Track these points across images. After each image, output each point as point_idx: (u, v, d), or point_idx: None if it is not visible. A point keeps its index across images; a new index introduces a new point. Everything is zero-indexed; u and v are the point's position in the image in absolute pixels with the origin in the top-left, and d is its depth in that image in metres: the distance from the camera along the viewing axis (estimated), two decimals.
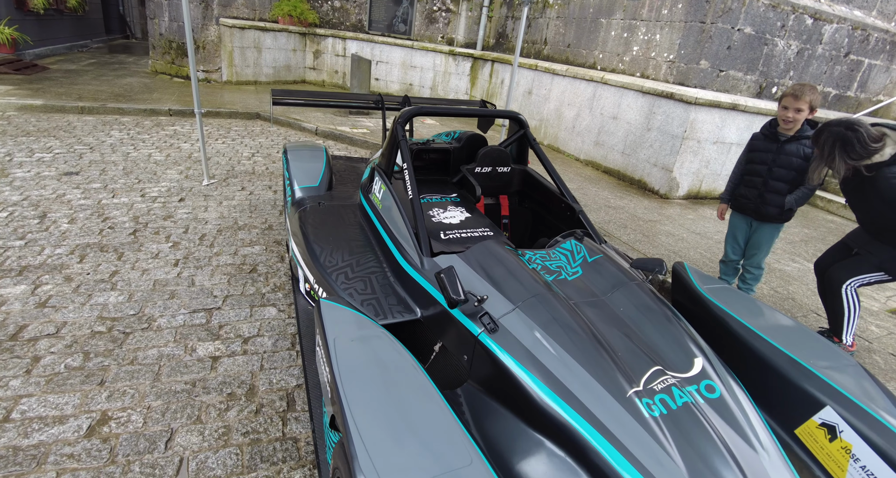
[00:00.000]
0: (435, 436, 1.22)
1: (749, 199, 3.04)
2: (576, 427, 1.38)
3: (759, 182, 2.97)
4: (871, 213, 2.62)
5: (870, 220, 2.68)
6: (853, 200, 2.68)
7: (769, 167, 2.93)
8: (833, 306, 2.82)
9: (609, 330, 1.65)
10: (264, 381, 2.30)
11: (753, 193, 3.01)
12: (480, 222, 2.47)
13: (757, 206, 3.01)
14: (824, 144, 2.46)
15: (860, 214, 2.72)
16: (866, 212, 2.66)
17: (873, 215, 2.62)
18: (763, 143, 2.97)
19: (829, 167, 2.51)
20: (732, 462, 1.32)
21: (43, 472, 1.76)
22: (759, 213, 3.02)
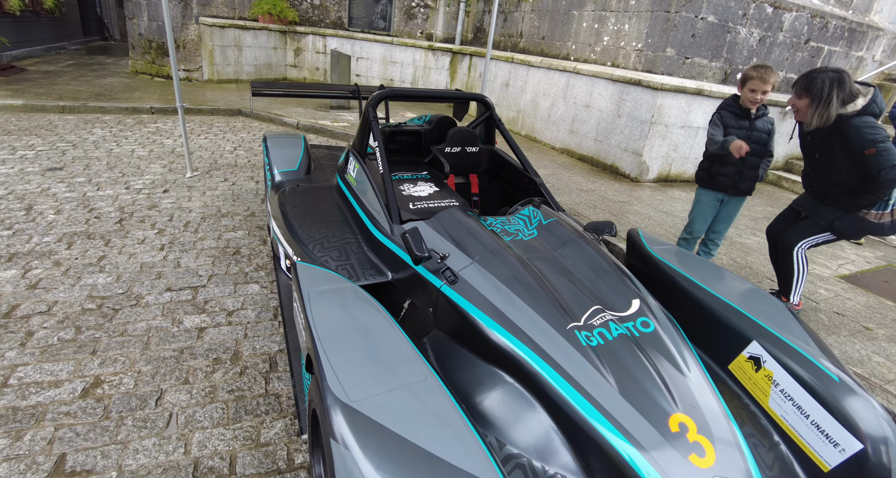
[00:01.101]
0: (394, 360, 1.39)
1: (727, 176, 3.15)
2: (523, 357, 1.57)
3: (737, 159, 3.08)
4: (828, 166, 2.72)
5: (823, 175, 2.79)
6: (813, 153, 2.80)
7: None
8: (784, 268, 3.01)
9: (556, 278, 1.84)
10: (248, 347, 2.45)
11: (732, 170, 3.14)
12: (448, 195, 2.65)
13: (735, 182, 3.16)
14: (822, 88, 2.53)
15: (816, 168, 2.83)
16: (822, 166, 2.76)
17: (829, 169, 2.72)
18: (735, 121, 3.09)
19: (826, 108, 2.55)
20: (661, 384, 1.51)
21: (42, 427, 1.89)
22: (737, 188, 3.18)
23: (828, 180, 2.80)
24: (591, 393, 1.45)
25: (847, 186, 2.70)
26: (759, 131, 3.07)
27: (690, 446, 1.35)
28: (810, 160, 2.87)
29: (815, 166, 2.84)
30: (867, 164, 2.51)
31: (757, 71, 2.91)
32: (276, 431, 1.97)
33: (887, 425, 1.57)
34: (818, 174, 2.85)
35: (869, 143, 2.47)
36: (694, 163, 6.06)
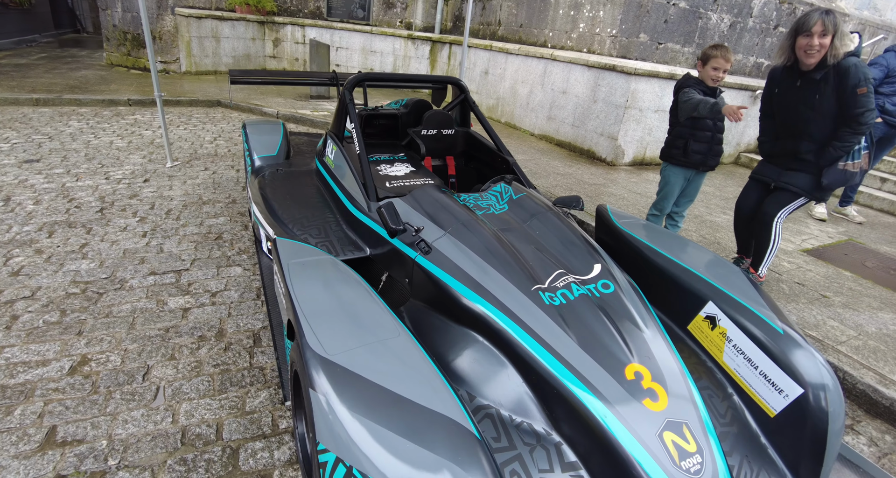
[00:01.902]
0: (369, 320, 1.48)
1: (700, 152, 3.26)
2: (492, 317, 1.67)
3: (708, 136, 3.22)
4: (808, 119, 2.81)
5: (797, 131, 2.88)
6: (792, 108, 2.88)
7: (714, 122, 3.21)
8: (760, 240, 3.13)
9: (524, 246, 1.95)
10: (232, 325, 2.52)
11: (704, 147, 3.24)
12: (423, 175, 2.73)
13: (706, 158, 3.28)
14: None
15: (789, 127, 2.93)
16: (801, 119, 2.84)
17: (808, 122, 2.81)
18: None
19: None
20: (619, 338, 1.63)
21: (31, 402, 1.95)
22: (706, 164, 3.30)
23: (800, 138, 2.88)
24: (554, 347, 1.56)
25: (820, 137, 2.80)
26: None
27: (645, 392, 1.47)
28: (783, 121, 2.96)
29: (789, 125, 2.92)
30: (855, 103, 2.62)
31: (718, 50, 3.04)
32: (260, 400, 2.06)
33: (827, 372, 1.71)
34: (790, 133, 2.93)
35: (863, 81, 2.59)
36: None
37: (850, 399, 2.46)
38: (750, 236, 3.32)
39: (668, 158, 3.40)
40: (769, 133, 3.11)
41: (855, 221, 4.98)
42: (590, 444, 1.44)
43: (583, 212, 4.21)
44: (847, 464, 1.85)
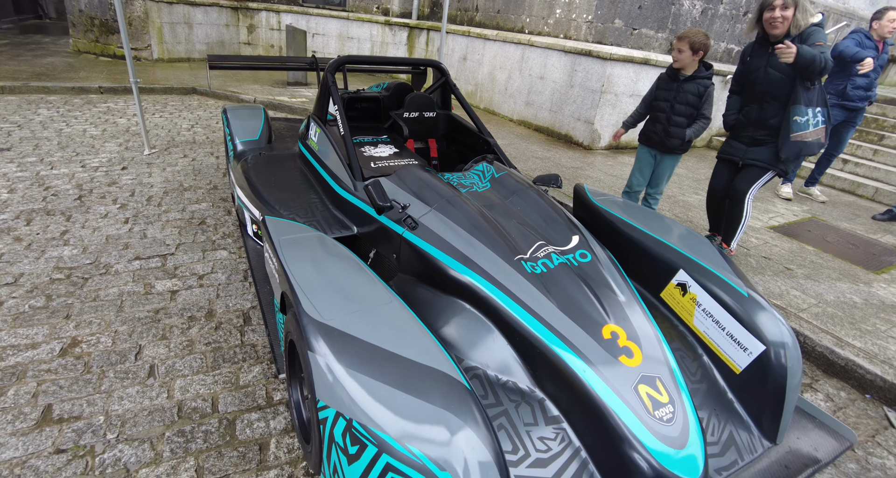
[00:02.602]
0: (361, 289, 1.56)
1: (656, 133, 3.44)
2: (478, 286, 1.76)
3: (664, 118, 3.37)
4: (775, 80, 2.97)
5: (764, 96, 3.04)
6: (755, 66, 3.04)
7: (671, 104, 3.34)
8: (733, 216, 3.31)
9: (506, 220, 2.03)
10: (221, 305, 2.56)
11: (659, 128, 3.41)
12: (407, 155, 2.79)
13: (662, 139, 3.42)
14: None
15: (752, 84, 3.08)
16: (769, 82, 3.00)
17: (774, 84, 2.98)
18: (666, 82, 3.37)
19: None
20: (596, 302, 1.74)
21: (24, 383, 1.98)
22: (664, 145, 3.44)
23: (765, 101, 3.04)
24: (537, 311, 1.66)
25: (783, 98, 2.97)
26: (687, 93, 3.30)
27: (620, 350, 1.58)
28: (752, 87, 3.09)
29: (756, 92, 3.07)
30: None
31: (682, 34, 3.19)
32: (254, 374, 2.12)
33: (787, 332, 1.85)
34: (757, 98, 3.08)
35: (820, 37, 2.82)
36: None
37: (810, 361, 2.64)
38: (721, 214, 3.49)
39: (639, 138, 3.64)
40: (734, 107, 3.27)
41: (818, 200, 5.22)
42: (571, 399, 1.54)
43: (561, 192, 4.33)
44: (804, 415, 2.00)
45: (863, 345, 2.63)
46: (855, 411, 2.34)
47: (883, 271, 3.59)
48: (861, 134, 6.72)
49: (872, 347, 2.63)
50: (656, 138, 3.46)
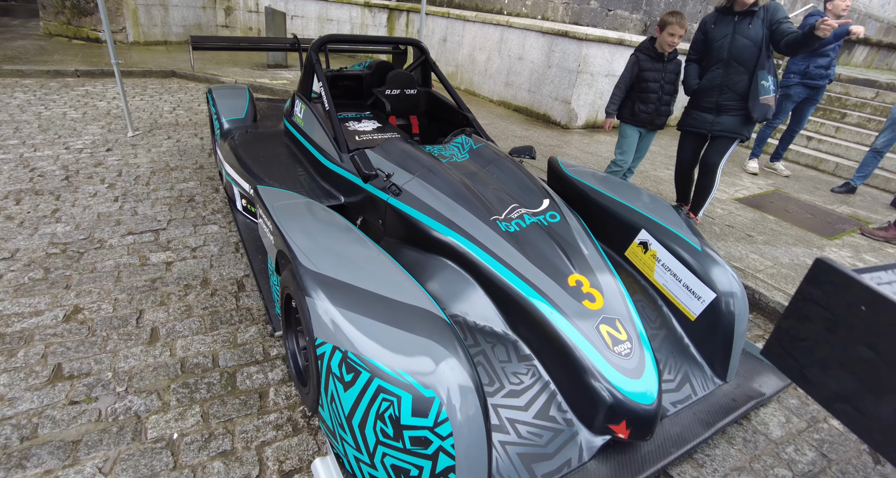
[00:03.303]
0: (350, 245, 1.71)
1: (647, 113, 3.55)
2: (458, 244, 1.93)
3: (655, 98, 3.50)
4: (741, 46, 3.16)
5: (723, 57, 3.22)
6: (722, 33, 3.22)
7: (661, 84, 3.49)
8: (703, 187, 3.54)
9: (483, 186, 2.20)
10: (215, 274, 2.69)
11: (651, 108, 3.54)
12: (390, 129, 2.93)
13: (653, 118, 3.57)
14: None
15: (717, 50, 3.24)
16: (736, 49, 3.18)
17: (741, 49, 3.16)
18: (651, 63, 3.46)
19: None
20: (563, 256, 1.92)
21: (32, 346, 2.10)
22: (654, 123, 3.61)
23: (731, 66, 3.22)
24: (511, 264, 1.84)
25: (749, 64, 3.17)
26: (671, 73, 3.50)
27: (584, 295, 1.77)
28: (718, 53, 3.26)
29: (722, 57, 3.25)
30: (781, 31, 3.07)
31: (675, 16, 3.29)
32: (250, 334, 2.27)
33: (735, 282, 2.06)
34: (722, 62, 3.25)
35: (784, 13, 3.05)
36: None
37: (764, 314, 2.88)
38: (689, 186, 3.70)
39: (621, 117, 3.72)
40: (694, 74, 3.43)
41: (782, 174, 5.49)
42: (540, 339, 1.73)
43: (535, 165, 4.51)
44: (752, 358, 2.23)
45: None
46: None
47: (835, 237, 3.86)
48: (825, 112, 7.01)
49: None
50: (646, 117, 3.57)
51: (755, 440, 2.02)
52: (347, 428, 1.39)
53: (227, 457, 1.68)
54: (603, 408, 1.59)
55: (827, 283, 0.60)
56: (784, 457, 1.96)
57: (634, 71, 3.51)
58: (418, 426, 1.29)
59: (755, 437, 2.04)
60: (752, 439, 2.03)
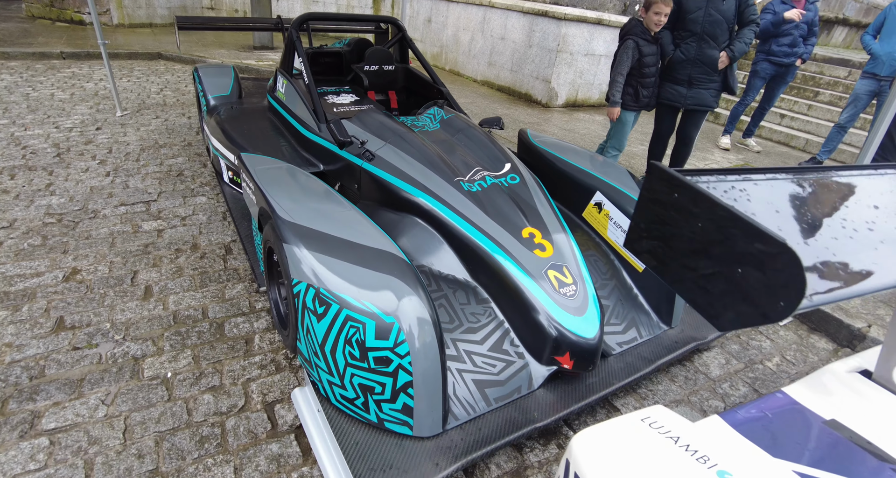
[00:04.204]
0: (325, 201, 1.90)
1: (648, 96, 3.61)
2: (426, 202, 2.12)
3: (652, 81, 3.58)
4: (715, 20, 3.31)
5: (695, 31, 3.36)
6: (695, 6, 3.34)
7: (657, 67, 3.57)
8: (681, 157, 3.82)
9: (450, 152, 2.38)
10: (204, 240, 2.87)
11: (651, 92, 3.61)
12: (367, 102, 3.09)
13: (651, 100, 3.64)
14: None
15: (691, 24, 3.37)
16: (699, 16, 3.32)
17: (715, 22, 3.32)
18: (649, 47, 3.47)
19: None
20: (520, 212, 2.11)
21: (35, 302, 2.27)
22: (651, 106, 3.69)
23: (703, 40, 3.37)
24: (472, 219, 2.03)
25: (720, 39, 3.36)
26: (659, 53, 3.63)
27: (536, 245, 1.97)
28: (691, 27, 3.39)
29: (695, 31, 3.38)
30: (754, 10, 3.32)
31: (661, 1, 3.31)
32: (237, 290, 2.46)
33: None
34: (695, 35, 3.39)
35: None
36: (598, 89, 6.71)
37: None
38: (662, 156, 3.93)
39: (623, 105, 3.63)
40: (669, 41, 3.51)
41: (754, 150, 5.70)
42: (496, 284, 1.94)
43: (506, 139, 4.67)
44: None
45: None
46: None
47: None
48: (799, 91, 7.21)
49: None
50: (647, 101, 3.61)
51: (695, 378, 2.25)
52: (321, 354, 1.59)
53: (216, 391, 1.88)
54: (549, 342, 1.80)
55: (660, 183, 0.80)
56: (719, 391, 2.20)
57: (635, 56, 3.44)
58: (381, 348, 1.49)
59: (696, 375, 2.27)
60: (692, 377, 2.26)
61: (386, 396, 1.53)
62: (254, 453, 1.65)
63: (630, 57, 3.43)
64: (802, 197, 0.81)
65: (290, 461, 1.63)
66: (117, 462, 1.58)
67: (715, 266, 0.70)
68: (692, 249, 0.76)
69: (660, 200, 0.79)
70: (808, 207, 0.80)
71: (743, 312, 0.66)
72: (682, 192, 0.77)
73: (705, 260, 0.71)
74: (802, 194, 0.81)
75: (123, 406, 1.78)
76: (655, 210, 0.81)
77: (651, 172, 0.80)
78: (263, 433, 1.72)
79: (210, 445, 1.66)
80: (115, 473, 1.55)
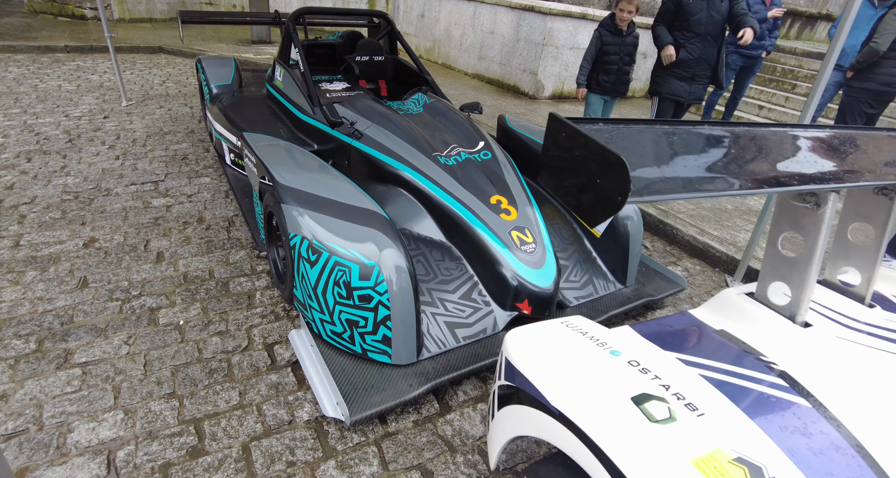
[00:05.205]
0: (316, 168, 2.18)
1: (610, 82, 4.01)
2: (407, 174, 2.41)
3: (615, 69, 3.95)
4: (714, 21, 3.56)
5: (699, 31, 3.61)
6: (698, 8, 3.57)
7: (620, 56, 3.94)
8: None
9: (430, 131, 2.67)
10: (209, 214, 3.15)
11: (612, 78, 4.00)
12: (358, 89, 3.37)
13: (615, 86, 4.04)
14: None
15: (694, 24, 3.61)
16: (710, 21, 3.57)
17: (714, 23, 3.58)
18: (612, 38, 3.89)
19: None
20: (489, 182, 2.39)
21: (60, 264, 2.55)
22: (616, 91, 4.07)
23: (705, 39, 3.64)
24: (447, 187, 2.32)
25: (717, 37, 3.64)
26: (629, 45, 3.95)
27: (502, 210, 2.26)
28: (694, 27, 3.64)
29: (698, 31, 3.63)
30: (734, 12, 3.59)
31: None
32: (240, 256, 2.74)
33: (633, 207, 2.55)
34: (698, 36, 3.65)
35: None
36: None
37: (679, 246, 3.40)
38: None
39: (588, 87, 4.13)
40: (666, 33, 3.78)
41: None
42: (467, 244, 2.22)
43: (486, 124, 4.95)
44: (652, 270, 2.75)
45: (720, 234, 3.41)
46: (704, 278, 3.11)
47: None
48: (778, 83, 7.50)
49: (727, 235, 3.41)
50: (609, 86, 4.03)
51: None
52: (314, 296, 1.88)
53: (222, 335, 2.16)
54: (511, 290, 2.09)
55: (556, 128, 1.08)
56: None
57: (598, 45, 3.92)
58: (364, 287, 1.78)
59: None
60: None
61: (368, 328, 1.82)
62: (256, 381, 1.94)
63: (594, 46, 3.86)
64: (657, 138, 1.10)
65: (287, 388, 1.92)
66: (140, 387, 1.87)
67: (586, 181, 0.98)
68: (574, 170, 1.04)
69: (557, 141, 1.08)
70: (659, 144, 1.09)
71: (601, 209, 0.94)
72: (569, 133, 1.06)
73: (581, 178, 1.00)
74: (658, 137, 1.10)
75: (143, 346, 2.06)
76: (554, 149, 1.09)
77: (550, 121, 1.09)
78: (264, 367, 2.01)
79: (218, 375, 1.95)
80: (139, 395, 1.83)
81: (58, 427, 1.68)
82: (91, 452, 1.61)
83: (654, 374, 1.10)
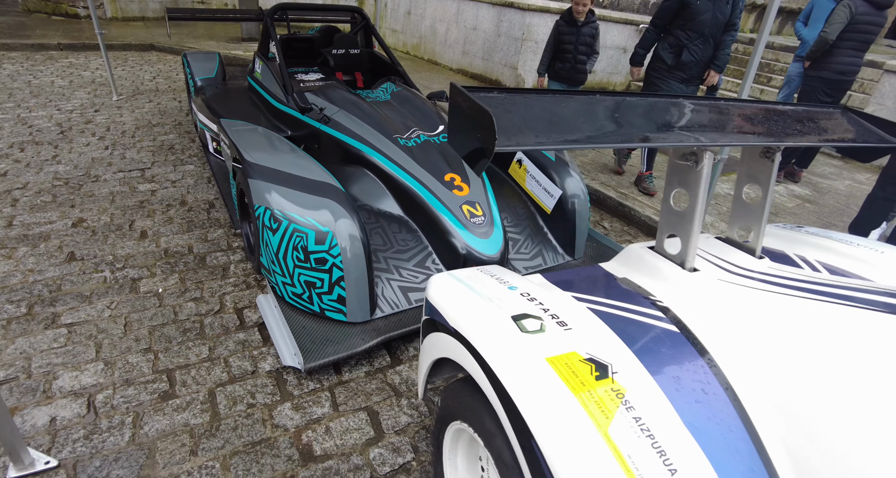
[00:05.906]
0: (282, 148, 2.38)
1: (565, 70, 4.18)
2: (370, 155, 2.61)
3: (570, 57, 4.11)
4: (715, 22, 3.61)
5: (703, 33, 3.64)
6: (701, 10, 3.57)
7: (575, 46, 4.10)
8: None
9: (394, 116, 2.88)
10: (192, 198, 3.35)
11: (568, 66, 4.16)
12: (332, 80, 3.57)
13: (570, 74, 4.20)
14: None
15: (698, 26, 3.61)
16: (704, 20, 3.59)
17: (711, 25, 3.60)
18: (567, 28, 4.06)
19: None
20: (445, 162, 2.60)
21: (49, 241, 2.75)
22: (573, 79, 4.23)
23: (707, 42, 3.70)
24: (405, 167, 2.52)
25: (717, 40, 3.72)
26: (585, 36, 4.13)
27: (455, 186, 2.46)
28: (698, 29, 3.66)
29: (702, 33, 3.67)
30: (740, 13, 3.68)
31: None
32: (218, 234, 2.94)
33: (579, 183, 2.76)
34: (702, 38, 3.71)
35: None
36: None
37: (637, 226, 3.60)
38: None
39: (549, 75, 4.33)
40: (653, 39, 3.90)
41: None
42: (423, 217, 2.43)
43: None
44: (599, 243, 2.95)
45: None
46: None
47: (727, 175, 4.58)
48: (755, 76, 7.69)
49: None
50: (565, 74, 4.21)
51: None
52: (276, 261, 2.08)
53: (197, 301, 2.37)
54: (460, 258, 2.29)
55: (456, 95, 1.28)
56: None
57: (554, 35, 4.12)
58: (319, 251, 1.98)
59: None
60: None
61: (324, 289, 2.02)
62: (225, 339, 2.14)
63: (552, 36, 4.07)
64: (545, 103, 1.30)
65: (253, 344, 2.12)
66: (120, 343, 2.07)
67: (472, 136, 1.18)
68: (464, 127, 1.24)
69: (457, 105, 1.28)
70: (543, 107, 1.29)
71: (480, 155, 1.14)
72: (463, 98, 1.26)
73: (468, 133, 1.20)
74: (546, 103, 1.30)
75: (124, 310, 2.27)
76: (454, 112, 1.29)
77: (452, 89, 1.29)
78: (233, 327, 2.21)
79: (191, 334, 2.15)
80: (118, 350, 2.03)
81: (44, 375, 1.88)
82: (73, 395, 1.81)
83: (539, 302, 1.31)
